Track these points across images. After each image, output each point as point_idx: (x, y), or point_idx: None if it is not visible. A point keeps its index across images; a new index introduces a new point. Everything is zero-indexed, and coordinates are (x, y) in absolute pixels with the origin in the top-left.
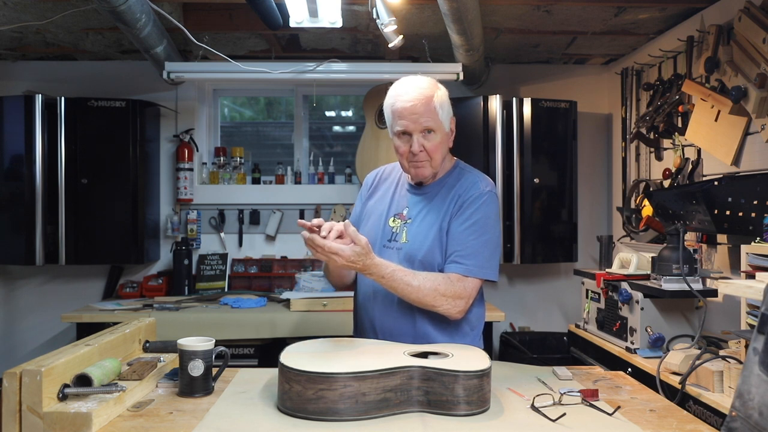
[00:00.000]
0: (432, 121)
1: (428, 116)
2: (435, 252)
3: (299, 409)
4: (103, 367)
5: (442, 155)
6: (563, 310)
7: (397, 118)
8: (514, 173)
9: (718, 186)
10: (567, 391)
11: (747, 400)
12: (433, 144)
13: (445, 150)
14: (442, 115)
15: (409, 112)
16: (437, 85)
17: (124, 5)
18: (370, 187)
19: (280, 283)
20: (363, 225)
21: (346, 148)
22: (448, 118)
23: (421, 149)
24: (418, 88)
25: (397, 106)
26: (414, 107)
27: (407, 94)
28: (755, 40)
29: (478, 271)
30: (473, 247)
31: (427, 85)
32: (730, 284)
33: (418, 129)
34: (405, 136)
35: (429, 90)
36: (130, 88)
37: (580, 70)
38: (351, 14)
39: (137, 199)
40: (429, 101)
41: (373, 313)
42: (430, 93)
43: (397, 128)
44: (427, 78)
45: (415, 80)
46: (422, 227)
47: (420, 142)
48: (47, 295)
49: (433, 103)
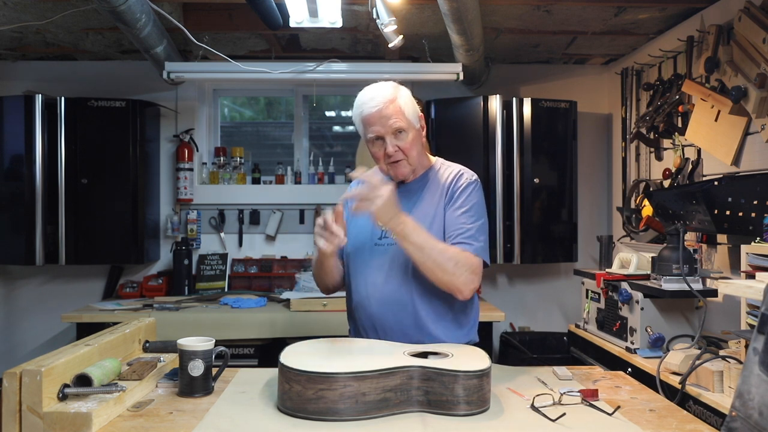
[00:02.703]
0: (401, 120)
1: (396, 117)
2: None
3: (299, 409)
4: (103, 367)
5: (417, 151)
6: (563, 310)
7: (368, 125)
8: (514, 173)
9: (718, 186)
10: (567, 391)
11: (747, 400)
12: (406, 142)
13: (418, 146)
14: (409, 113)
15: (377, 117)
16: (398, 87)
17: (124, 5)
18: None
19: (280, 283)
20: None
21: (346, 148)
22: (416, 116)
23: (395, 149)
24: (381, 94)
25: (365, 114)
26: (381, 111)
27: (372, 100)
28: (755, 40)
29: (482, 252)
30: (473, 230)
31: (388, 88)
32: (730, 284)
33: (390, 131)
34: (378, 141)
35: (391, 93)
36: (130, 88)
37: (580, 70)
38: (351, 14)
39: (137, 199)
40: (392, 104)
41: (371, 310)
42: (393, 95)
43: (370, 135)
44: (388, 82)
45: (376, 87)
46: (416, 222)
47: (393, 143)
48: (47, 295)
49: (398, 103)
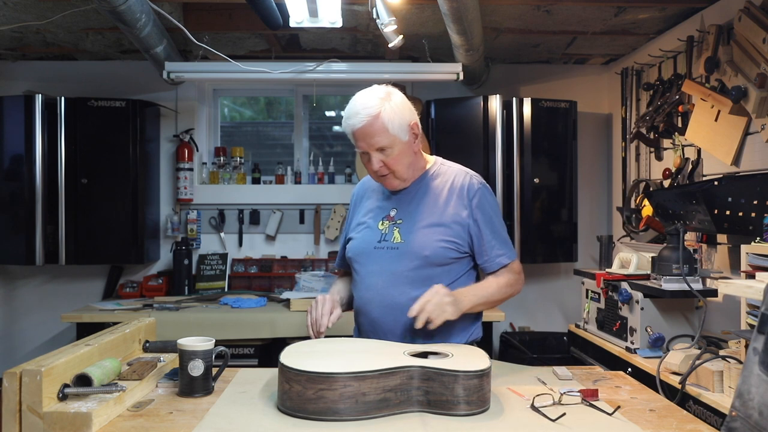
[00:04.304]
0: (383, 139)
1: (378, 136)
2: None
3: (299, 409)
4: (103, 367)
5: (405, 165)
6: (563, 310)
7: (354, 138)
8: (514, 173)
9: (718, 186)
10: (567, 391)
11: (747, 399)
12: (392, 158)
13: (407, 159)
14: (393, 128)
15: (360, 135)
16: (388, 96)
17: (124, 5)
18: (358, 199)
19: (280, 283)
20: (356, 234)
21: (346, 148)
22: (404, 128)
23: (380, 165)
24: (364, 109)
25: (349, 129)
26: (362, 130)
27: (356, 116)
28: (755, 40)
29: (512, 253)
30: (502, 236)
31: (373, 102)
32: (730, 284)
33: (372, 148)
34: (365, 154)
35: (375, 108)
36: (130, 88)
37: (580, 70)
38: (351, 14)
39: (137, 199)
40: (376, 121)
41: (372, 315)
42: (376, 111)
43: (357, 149)
44: (375, 92)
45: (362, 99)
46: (418, 225)
47: (378, 159)
48: (47, 295)
49: (381, 120)
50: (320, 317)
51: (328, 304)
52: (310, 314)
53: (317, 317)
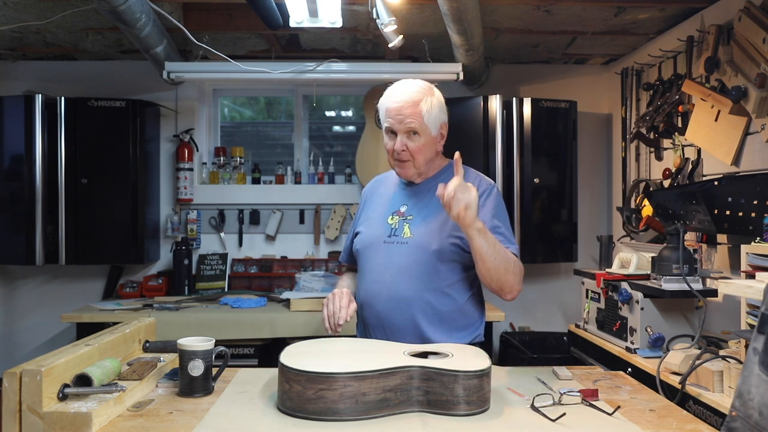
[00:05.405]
0: (416, 123)
1: (413, 118)
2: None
3: (299, 409)
4: (103, 367)
5: (425, 157)
6: (563, 310)
7: (386, 116)
8: (514, 173)
9: (718, 186)
10: (567, 391)
11: (747, 400)
12: (417, 145)
13: (429, 153)
14: (428, 119)
15: (395, 112)
16: (430, 91)
17: (124, 5)
18: (369, 195)
19: (280, 283)
20: (364, 228)
21: (346, 148)
22: (437, 124)
23: (403, 148)
24: (409, 92)
25: (386, 105)
26: (400, 108)
27: (398, 95)
28: (755, 40)
29: (516, 251)
30: (508, 232)
31: (418, 89)
32: (730, 284)
33: (403, 129)
34: (392, 134)
35: (418, 94)
36: (130, 88)
37: (580, 70)
38: (351, 14)
39: (137, 199)
40: (416, 104)
41: (378, 309)
42: (419, 97)
43: (386, 125)
44: (423, 84)
45: (409, 84)
46: (428, 221)
47: (403, 142)
48: (47, 295)
49: (420, 107)
50: (338, 310)
51: (346, 298)
52: (326, 307)
53: (335, 310)
